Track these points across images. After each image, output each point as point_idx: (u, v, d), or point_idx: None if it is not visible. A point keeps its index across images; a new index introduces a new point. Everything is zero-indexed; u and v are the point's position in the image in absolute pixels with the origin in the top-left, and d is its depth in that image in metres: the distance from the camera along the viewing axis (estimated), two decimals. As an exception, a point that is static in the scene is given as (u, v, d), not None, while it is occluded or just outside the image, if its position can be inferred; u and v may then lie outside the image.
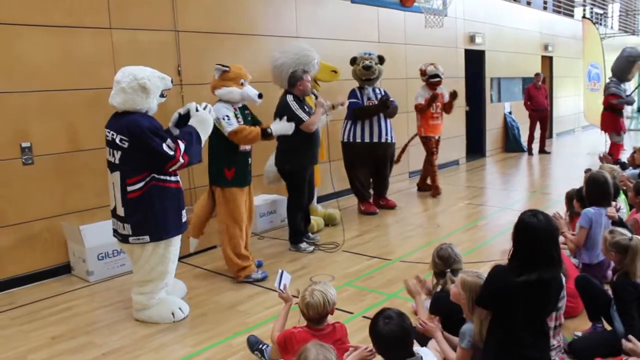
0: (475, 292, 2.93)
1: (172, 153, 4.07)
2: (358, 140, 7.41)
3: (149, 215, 4.11)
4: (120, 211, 4.15)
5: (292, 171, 5.92)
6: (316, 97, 6.03)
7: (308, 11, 7.96)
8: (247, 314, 4.40)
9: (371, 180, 7.81)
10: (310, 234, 6.39)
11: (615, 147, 10.66)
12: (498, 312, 2.87)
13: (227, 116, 4.93)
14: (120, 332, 4.17)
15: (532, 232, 2.82)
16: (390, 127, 7.60)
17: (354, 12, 8.76)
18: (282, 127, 5.31)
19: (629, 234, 3.56)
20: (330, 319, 3.09)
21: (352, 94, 7.52)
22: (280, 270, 3.51)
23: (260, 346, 3.59)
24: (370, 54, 7.63)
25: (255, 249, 6.08)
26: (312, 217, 6.72)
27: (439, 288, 3.59)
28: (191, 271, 5.48)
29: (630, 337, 2.93)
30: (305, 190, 6.04)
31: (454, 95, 8.38)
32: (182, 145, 4.16)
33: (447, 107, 8.53)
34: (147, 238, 4.14)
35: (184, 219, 4.38)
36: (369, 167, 7.63)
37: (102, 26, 5.64)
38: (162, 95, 4.34)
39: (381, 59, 7.59)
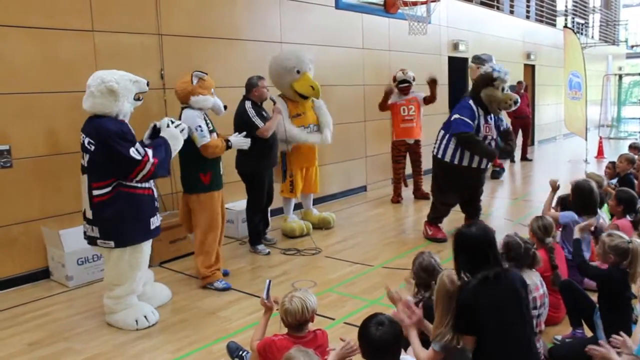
0: (440, 292, 2.93)
1: (138, 157, 4.05)
2: (456, 162, 6.02)
3: (114, 221, 4.10)
4: (89, 214, 4.16)
5: (251, 173, 6.02)
6: (274, 103, 6.06)
7: (292, 17, 7.96)
8: (228, 320, 4.37)
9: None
10: (267, 236, 6.49)
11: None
12: (476, 333, 2.84)
13: (200, 127, 4.90)
14: (100, 337, 4.12)
15: (468, 240, 2.93)
16: None
17: (338, 18, 8.78)
18: (240, 141, 5.33)
19: (627, 237, 3.49)
20: (312, 326, 3.07)
21: (466, 109, 5.99)
22: (267, 281, 3.44)
23: (240, 352, 3.57)
24: (506, 73, 6.15)
25: (237, 255, 6.07)
26: (293, 222, 6.75)
27: (419, 297, 3.57)
28: (172, 276, 5.44)
29: (601, 342, 2.91)
30: (264, 192, 6.13)
31: (433, 82, 8.34)
32: (150, 152, 4.14)
33: (430, 97, 8.47)
34: (112, 243, 4.13)
35: (153, 226, 4.32)
36: (461, 194, 6.40)
37: (85, 29, 5.59)
38: (138, 99, 4.33)
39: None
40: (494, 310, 2.79)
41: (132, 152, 4.04)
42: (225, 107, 5.17)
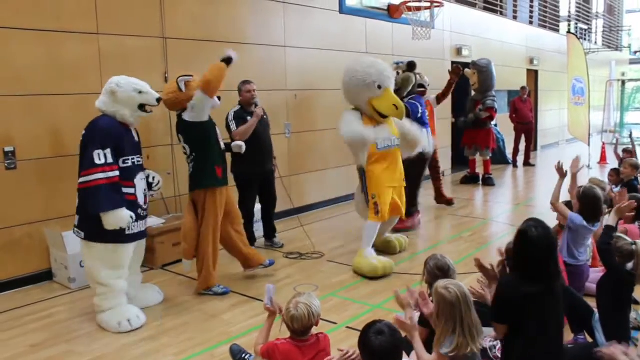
0: (439, 303, 2.93)
1: (97, 162, 4.02)
2: None
3: (90, 213, 4.12)
4: (77, 201, 4.26)
5: (236, 175, 6.06)
6: (255, 106, 5.98)
7: (296, 21, 7.98)
8: (230, 323, 4.37)
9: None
10: (275, 240, 6.56)
11: (488, 163, 10.72)
12: (513, 324, 2.91)
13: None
14: (102, 340, 4.12)
15: (531, 244, 2.89)
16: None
17: (342, 23, 8.79)
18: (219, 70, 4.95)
19: (630, 240, 3.54)
20: (314, 330, 3.08)
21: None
22: (268, 286, 3.40)
23: (243, 355, 3.58)
24: (398, 64, 7.44)
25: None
26: (372, 258, 5.51)
27: (432, 299, 3.56)
28: (174, 279, 5.44)
29: (609, 344, 2.93)
30: (251, 196, 6.21)
31: (456, 71, 8.63)
32: (112, 174, 4.09)
33: (445, 90, 8.81)
34: (82, 234, 4.22)
35: (129, 232, 4.25)
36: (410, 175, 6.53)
37: (90, 31, 5.61)
38: (144, 110, 4.37)
39: (410, 66, 7.19)
40: (533, 310, 2.86)
41: (96, 153, 4.04)
42: (219, 98, 5.00)
